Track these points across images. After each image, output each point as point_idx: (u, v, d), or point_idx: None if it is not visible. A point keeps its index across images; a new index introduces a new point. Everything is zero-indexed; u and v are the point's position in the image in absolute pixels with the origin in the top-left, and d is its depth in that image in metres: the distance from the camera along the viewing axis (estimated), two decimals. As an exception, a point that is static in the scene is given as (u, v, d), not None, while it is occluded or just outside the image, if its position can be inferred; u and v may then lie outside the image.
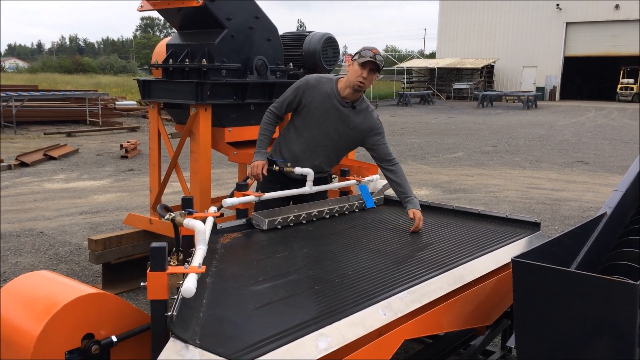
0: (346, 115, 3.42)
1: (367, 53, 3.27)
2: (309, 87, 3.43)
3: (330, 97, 3.40)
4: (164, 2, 4.21)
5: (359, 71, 3.27)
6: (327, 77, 3.49)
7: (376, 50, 3.28)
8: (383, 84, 44.38)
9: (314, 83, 3.44)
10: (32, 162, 10.46)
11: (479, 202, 7.84)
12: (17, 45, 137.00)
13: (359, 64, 3.27)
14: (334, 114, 3.41)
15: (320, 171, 3.58)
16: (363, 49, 3.31)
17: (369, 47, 3.32)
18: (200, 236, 2.29)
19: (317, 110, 3.42)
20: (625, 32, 37.64)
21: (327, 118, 3.41)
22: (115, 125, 17.74)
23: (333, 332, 1.86)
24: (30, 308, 1.96)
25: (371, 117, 3.50)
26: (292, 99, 3.48)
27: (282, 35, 4.93)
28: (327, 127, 3.43)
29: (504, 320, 3.04)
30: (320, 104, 3.41)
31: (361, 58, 3.26)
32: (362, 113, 3.46)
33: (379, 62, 3.28)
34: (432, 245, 2.94)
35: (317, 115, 3.42)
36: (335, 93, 3.40)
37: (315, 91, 3.41)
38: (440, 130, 18.58)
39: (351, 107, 3.42)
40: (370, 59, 3.23)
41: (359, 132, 3.47)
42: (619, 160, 12.11)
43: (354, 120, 3.44)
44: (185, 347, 1.69)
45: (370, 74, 3.30)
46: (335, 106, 3.40)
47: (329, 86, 3.42)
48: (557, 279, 1.94)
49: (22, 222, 6.54)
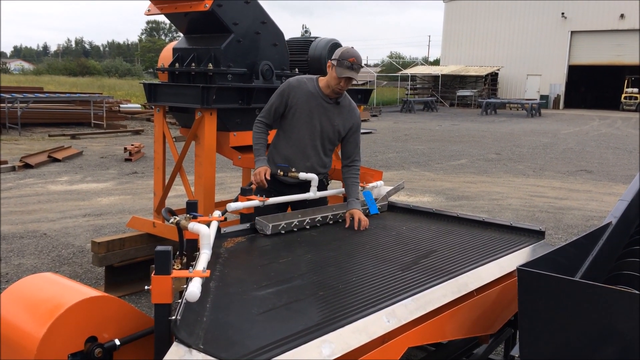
0: (331, 112, 3.48)
1: (345, 64, 3.25)
2: (293, 89, 3.47)
3: (314, 95, 3.45)
4: (171, 7, 4.22)
5: (337, 80, 3.31)
6: (307, 77, 3.54)
7: (354, 59, 3.25)
8: (387, 90, 44.44)
9: (296, 84, 3.48)
10: (36, 164, 10.49)
11: (482, 210, 7.83)
12: (23, 47, 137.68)
13: (337, 75, 3.29)
14: (320, 111, 3.46)
15: (313, 172, 3.57)
16: (341, 57, 3.27)
17: (348, 53, 3.28)
18: (205, 240, 2.29)
19: (303, 110, 3.46)
20: (630, 42, 37.65)
21: (313, 116, 3.46)
22: (120, 128, 17.79)
23: (337, 339, 1.85)
24: (34, 310, 1.95)
25: (354, 114, 3.56)
26: (279, 104, 3.52)
27: (288, 40, 4.95)
28: (314, 126, 3.48)
29: (508, 328, 3.02)
30: (305, 102, 3.45)
31: (339, 69, 3.26)
32: (345, 109, 3.52)
33: (357, 73, 3.28)
34: (436, 252, 2.93)
35: (304, 115, 3.46)
36: (318, 91, 3.45)
37: (299, 91, 3.46)
38: (444, 137, 18.57)
39: (335, 103, 3.48)
40: (347, 76, 3.26)
41: (343, 127, 3.52)
42: (623, 170, 12.08)
43: (338, 116, 3.49)
44: (189, 351, 1.69)
45: (348, 81, 3.33)
46: (320, 103, 3.45)
47: (311, 85, 3.47)
48: (562, 288, 1.93)
49: (25, 224, 6.55)
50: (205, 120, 4.05)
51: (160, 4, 4.32)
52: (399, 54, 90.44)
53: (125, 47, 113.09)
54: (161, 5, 4.30)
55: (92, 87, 34.51)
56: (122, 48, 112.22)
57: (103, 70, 63.39)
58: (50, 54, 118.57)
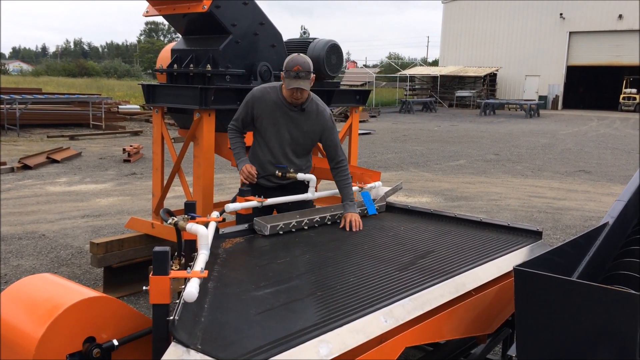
0: (297, 119, 3.46)
1: (291, 74, 3.21)
2: (256, 100, 3.47)
3: (277, 104, 3.43)
4: (169, 8, 4.23)
5: (289, 91, 3.31)
6: (271, 86, 3.51)
7: (298, 67, 3.20)
8: (386, 91, 44.46)
9: (259, 95, 3.47)
10: (35, 165, 10.48)
11: (481, 210, 7.84)
12: (22, 49, 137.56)
13: (286, 87, 3.28)
14: (285, 120, 3.45)
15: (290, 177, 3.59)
16: (286, 67, 3.23)
17: (292, 61, 3.22)
18: (203, 241, 2.30)
19: (269, 120, 3.46)
20: (629, 42, 37.69)
21: (280, 125, 3.45)
22: (118, 129, 17.78)
23: (334, 339, 1.86)
24: (32, 311, 1.96)
25: (323, 118, 3.49)
26: (245, 115, 3.54)
27: (286, 41, 4.95)
28: (283, 134, 3.48)
29: (505, 328, 3.03)
30: (270, 113, 3.44)
31: (287, 80, 3.25)
32: (312, 114, 3.47)
33: (305, 80, 3.23)
34: (434, 252, 2.94)
35: (271, 125, 3.47)
36: (282, 100, 3.42)
37: (262, 102, 3.45)
38: (443, 137, 18.59)
39: (300, 110, 3.44)
40: (294, 87, 3.23)
41: (313, 132, 3.51)
42: (621, 170, 12.10)
43: (305, 122, 3.47)
44: (187, 351, 1.70)
45: (300, 92, 3.30)
46: (285, 112, 3.44)
47: (274, 94, 3.44)
48: (559, 288, 1.94)
49: (24, 225, 6.55)
50: (203, 121, 4.06)
51: (158, 5, 4.33)
52: (398, 55, 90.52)
53: (124, 48, 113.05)
54: (159, 6, 4.31)
55: (90, 88, 34.48)
56: (121, 49, 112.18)
57: (102, 71, 63.36)
58: (49, 55, 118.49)
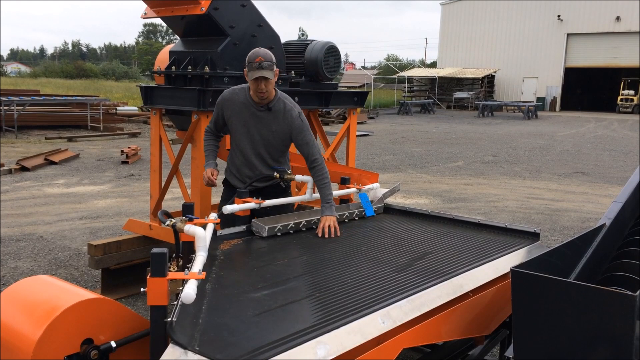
0: (265, 119, 3.41)
1: (253, 65, 3.17)
2: (225, 101, 3.46)
3: (245, 105, 3.40)
4: (167, 10, 4.24)
5: (254, 84, 3.25)
6: (240, 87, 3.49)
7: (260, 58, 3.16)
8: (384, 93, 44.50)
9: (228, 96, 3.46)
10: (33, 167, 10.47)
11: (479, 212, 7.85)
12: (20, 50, 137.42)
13: (250, 79, 3.22)
14: (253, 120, 3.41)
15: (265, 179, 3.54)
16: (248, 59, 3.20)
17: (254, 54, 3.20)
18: (201, 242, 2.30)
19: (238, 121, 3.44)
20: (626, 44, 37.80)
21: (249, 126, 3.43)
22: (116, 130, 17.78)
23: (332, 340, 1.87)
24: (30, 313, 1.96)
25: (290, 117, 3.40)
26: (217, 117, 3.54)
27: (285, 43, 4.96)
28: (253, 135, 3.44)
29: (503, 330, 3.04)
30: (239, 114, 3.43)
31: (250, 72, 3.20)
32: (280, 113, 3.40)
33: (268, 70, 3.19)
34: (432, 254, 2.94)
35: (240, 126, 3.45)
36: (249, 100, 3.39)
37: (231, 104, 3.44)
38: (441, 139, 18.61)
39: (267, 110, 3.39)
40: (258, 77, 3.18)
41: (282, 132, 3.43)
42: (619, 172, 12.12)
43: (273, 122, 3.41)
44: (184, 353, 1.70)
45: (264, 82, 3.24)
46: (253, 113, 3.40)
47: (242, 95, 3.42)
48: (555, 290, 1.95)
49: (22, 227, 6.54)
50: (201, 122, 4.06)
51: (157, 7, 4.34)
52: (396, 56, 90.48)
53: (123, 49, 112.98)
54: (158, 8, 4.32)
55: (89, 89, 34.45)
56: (119, 51, 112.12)
57: (100, 73, 63.29)
58: (47, 57, 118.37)
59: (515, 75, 42.08)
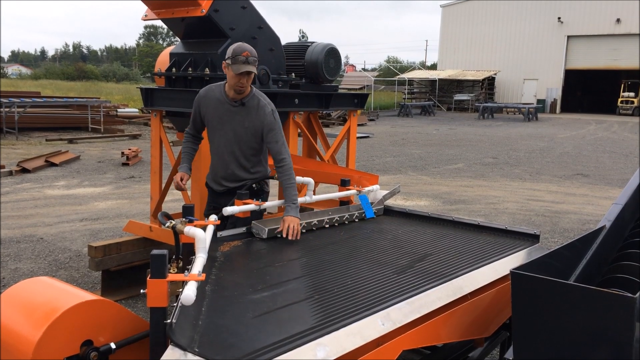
0: (239, 115, 3.38)
1: (240, 59, 3.14)
2: (202, 98, 3.46)
3: (220, 101, 3.39)
4: (168, 12, 4.24)
5: (236, 78, 3.22)
6: (216, 85, 3.49)
7: (247, 53, 3.16)
8: (384, 95, 44.53)
9: (204, 93, 3.46)
10: (33, 169, 10.48)
11: (479, 214, 7.85)
12: (21, 52, 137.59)
13: (234, 73, 3.19)
14: (228, 116, 3.39)
15: (237, 179, 3.49)
16: (233, 53, 3.17)
17: (240, 48, 3.18)
18: (201, 244, 2.30)
19: (214, 118, 3.43)
20: (626, 46, 37.83)
21: (224, 122, 3.41)
22: (117, 132, 17.80)
23: (331, 342, 1.87)
24: (30, 314, 1.96)
25: (263, 113, 3.36)
26: (195, 115, 3.53)
27: (285, 45, 4.97)
28: (227, 132, 3.42)
29: (503, 332, 3.03)
30: (214, 110, 3.42)
31: (235, 66, 3.16)
32: (253, 110, 3.37)
33: (253, 65, 3.19)
34: (432, 256, 2.94)
35: (215, 122, 3.43)
36: (224, 96, 3.38)
37: (207, 100, 3.44)
38: (441, 141, 18.61)
39: (241, 105, 3.36)
40: (244, 71, 3.17)
41: (254, 128, 3.38)
42: (619, 173, 12.12)
43: (246, 117, 3.37)
44: (184, 354, 1.70)
45: (247, 77, 3.24)
46: (228, 108, 3.38)
47: (218, 91, 3.42)
48: (555, 292, 1.95)
49: (22, 228, 6.55)
50: (202, 124, 4.06)
51: (157, 9, 4.34)
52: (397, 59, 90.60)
53: (123, 51, 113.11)
54: (158, 10, 4.32)
55: (89, 91, 34.49)
56: (120, 52, 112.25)
57: (101, 75, 63.38)
58: (48, 59, 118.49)
59: (515, 77, 42.11)
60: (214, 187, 3.58)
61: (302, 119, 5.34)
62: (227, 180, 3.50)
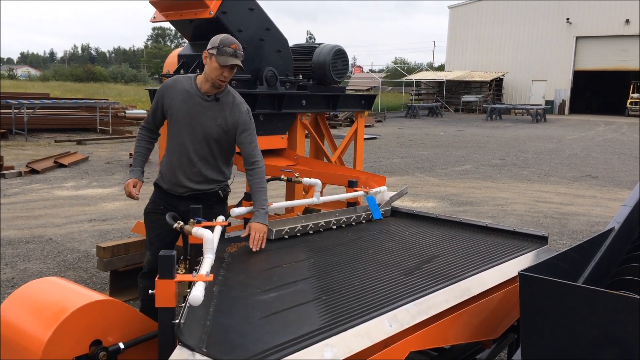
0: (211, 110, 3.08)
1: (227, 51, 2.94)
2: (167, 89, 3.15)
3: (190, 94, 3.09)
4: (176, 14, 4.26)
5: (219, 70, 2.97)
6: (184, 76, 3.22)
7: (235, 45, 2.97)
8: (392, 96, 44.49)
9: (171, 84, 3.16)
10: (42, 170, 10.55)
11: (487, 215, 7.82)
12: (30, 54, 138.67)
13: (220, 64, 2.96)
14: (198, 111, 3.08)
15: (205, 180, 3.18)
16: (221, 43, 2.96)
17: (228, 40, 2.99)
18: (209, 245, 2.31)
19: (180, 111, 3.10)
20: (635, 47, 37.56)
21: (192, 117, 3.08)
22: (125, 133, 17.87)
23: (339, 343, 1.87)
24: (39, 314, 1.98)
25: (239, 111, 3.12)
26: (156, 107, 3.21)
27: (292, 47, 4.98)
28: (195, 127, 3.09)
29: (510, 334, 3.02)
30: (182, 102, 3.09)
31: (221, 57, 2.95)
32: (227, 106, 3.10)
33: (240, 59, 2.98)
34: (439, 257, 2.94)
35: (181, 116, 3.10)
36: (195, 89, 3.08)
37: (173, 91, 3.13)
38: (449, 142, 18.56)
39: (214, 100, 3.09)
40: (232, 64, 2.96)
41: (227, 126, 3.10)
42: (628, 175, 12.04)
43: (219, 115, 3.09)
44: (192, 354, 1.71)
45: (231, 71, 3.01)
46: (198, 102, 3.07)
47: (187, 83, 3.12)
48: (564, 293, 1.94)
49: (31, 229, 6.59)
50: (209, 126, 4.07)
51: (165, 11, 4.36)
52: (404, 60, 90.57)
53: (131, 53, 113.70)
54: (166, 12, 4.34)
55: (98, 93, 34.69)
56: (128, 54, 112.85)
57: (109, 77, 63.71)
58: (56, 60, 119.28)
59: (523, 78, 41.94)
60: (174, 189, 3.22)
61: (310, 120, 5.35)
62: (191, 180, 3.16)
